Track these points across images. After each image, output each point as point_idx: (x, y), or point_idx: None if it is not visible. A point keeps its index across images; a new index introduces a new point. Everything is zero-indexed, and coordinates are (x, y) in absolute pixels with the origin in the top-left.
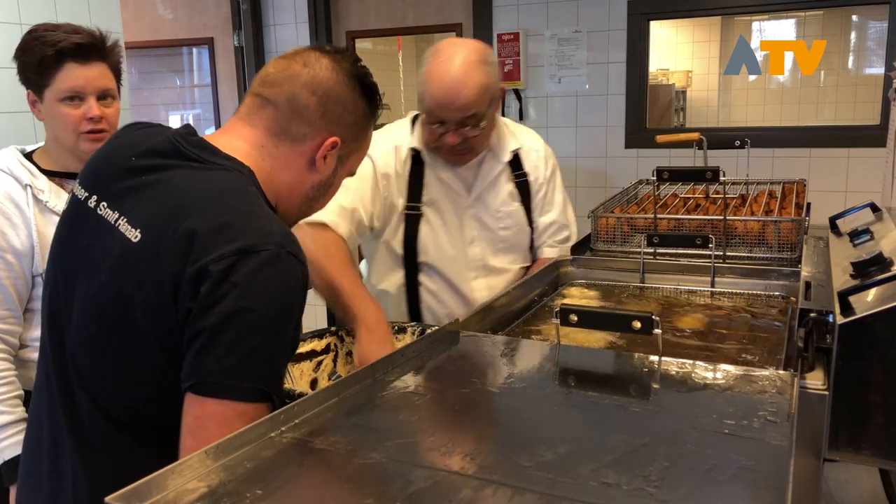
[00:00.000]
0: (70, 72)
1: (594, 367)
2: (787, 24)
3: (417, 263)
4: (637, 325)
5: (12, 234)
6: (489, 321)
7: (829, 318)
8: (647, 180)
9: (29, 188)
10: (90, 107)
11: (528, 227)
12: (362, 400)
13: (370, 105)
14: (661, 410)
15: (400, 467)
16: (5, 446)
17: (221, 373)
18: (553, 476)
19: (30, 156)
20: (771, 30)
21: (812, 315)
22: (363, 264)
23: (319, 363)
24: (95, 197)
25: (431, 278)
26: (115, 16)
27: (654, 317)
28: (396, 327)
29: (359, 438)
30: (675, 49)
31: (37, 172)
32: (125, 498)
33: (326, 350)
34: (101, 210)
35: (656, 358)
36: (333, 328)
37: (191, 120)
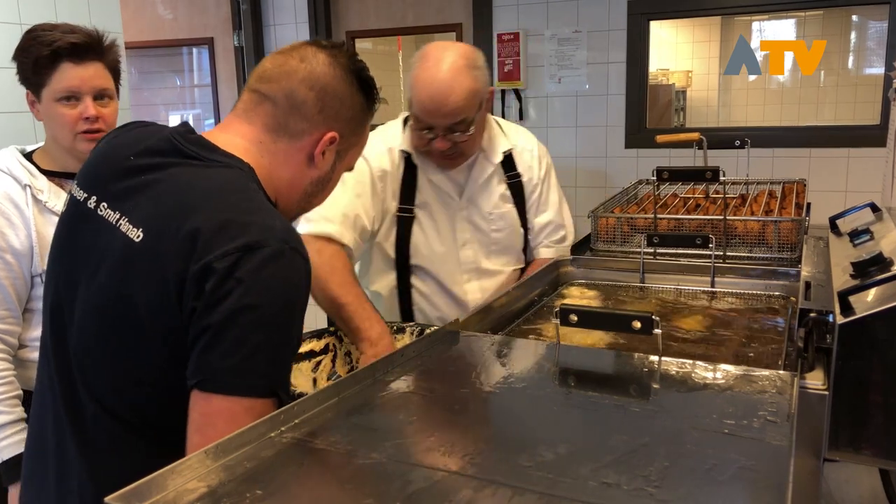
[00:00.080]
0: (65, 71)
1: (594, 367)
2: (787, 24)
3: (409, 266)
4: (637, 325)
5: (11, 234)
6: (489, 321)
7: (829, 318)
8: (647, 180)
9: (28, 188)
10: (86, 106)
11: (521, 229)
12: (362, 400)
13: (368, 99)
14: (661, 410)
15: (400, 467)
16: (4, 446)
17: (227, 369)
18: (553, 476)
19: (30, 156)
20: (771, 30)
21: (812, 315)
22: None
23: (318, 363)
24: (95, 198)
25: (423, 281)
26: (115, 16)
27: (653, 317)
28: (395, 327)
29: (359, 438)
30: (675, 49)
31: (36, 173)
32: (125, 498)
33: (325, 350)
34: (102, 210)
35: (656, 358)
36: (332, 328)
37: (191, 120)
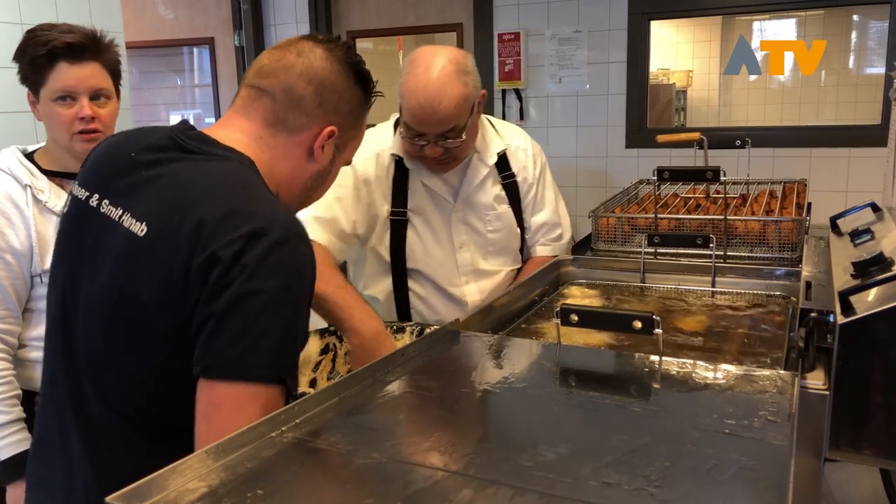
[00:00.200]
0: (62, 71)
1: (595, 367)
2: (787, 23)
3: (406, 269)
4: (638, 324)
5: (11, 234)
6: (489, 321)
7: (830, 318)
8: (648, 180)
9: (29, 188)
10: (82, 106)
11: (517, 229)
12: (363, 400)
13: (365, 93)
14: (661, 410)
15: (400, 467)
16: (3, 445)
17: (232, 355)
18: (554, 476)
19: (31, 156)
20: (772, 29)
21: (813, 315)
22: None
23: (318, 363)
24: (97, 195)
25: (420, 284)
26: (116, 15)
27: (654, 317)
28: (395, 327)
29: (359, 438)
30: (676, 49)
31: (37, 172)
32: (126, 498)
33: (326, 350)
34: (104, 208)
35: (657, 358)
36: (332, 328)
37: (191, 120)
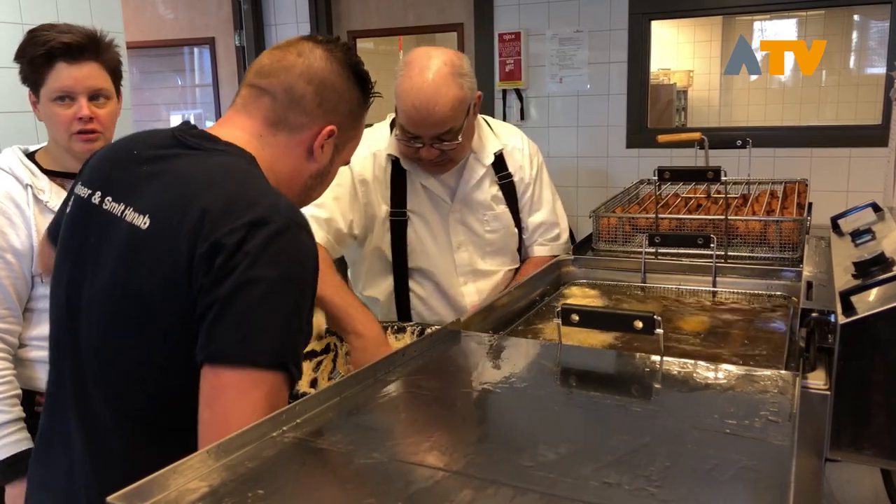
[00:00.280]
0: (60, 71)
1: (595, 367)
2: (788, 23)
3: (407, 270)
4: (639, 324)
5: (12, 233)
6: (490, 321)
7: (831, 318)
8: (649, 180)
9: (30, 188)
10: (80, 107)
11: (515, 229)
12: (363, 400)
13: (363, 93)
14: (662, 410)
15: (401, 467)
16: (3, 445)
17: (234, 341)
18: (554, 476)
19: (32, 156)
20: (772, 29)
21: (814, 315)
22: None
23: (319, 363)
24: (99, 193)
25: (421, 284)
26: (117, 15)
27: (655, 317)
28: (396, 327)
29: (360, 438)
30: (677, 49)
31: (38, 172)
32: (127, 497)
33: (326, 350)
34: (107, 204)
35: (658, 358)
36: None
37: (192, 120)
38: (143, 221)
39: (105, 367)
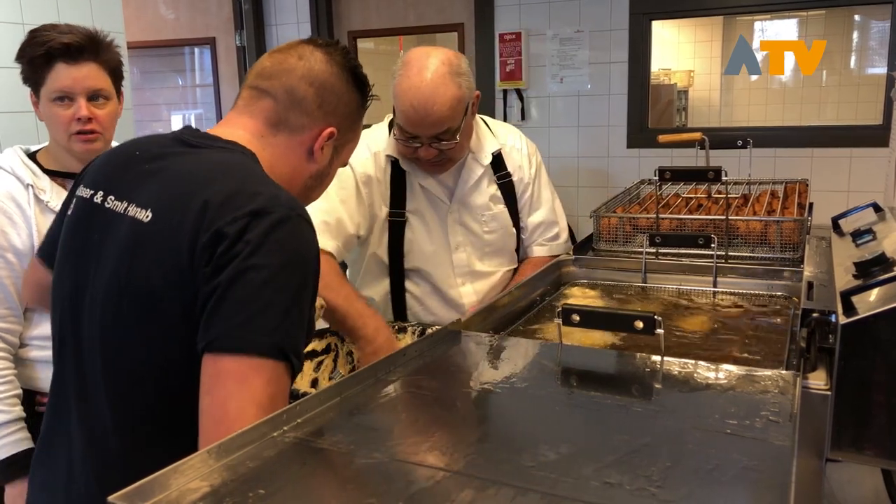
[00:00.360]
0: (59, 72)
1: (596, 367)
2: (789, 23)
3: (404, 270)
4: (639, 325)
5: (13, 233)
6: (491, 321)
7: (832, 319)
8: (650, 180)
9: (31, 188)
10: (79, 107)
11: (513, 229)
12: (364, 400)
13: (362, 96)
14: (663, 410)
15: (402, 467)
16: (3, 444)
17: (234, 327)
18: (555, 476)
19: (34, 155)
20: (773, 29)
21: (814, 315)
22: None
23: (320, 363)
24: (102, 192)
25: (417, 285)
26: (117, 16)
27: (656, 317)
28: (397, 327)
29: (361, 438)
30: (677, 49)
31: (39, 172)
32: (128, 497)
33: (327, 350)
34: (109, 203)
35: (658, 358)
36: (334, 328)
37: (193, 119)
38: (145, 215)
39: (106, 366)
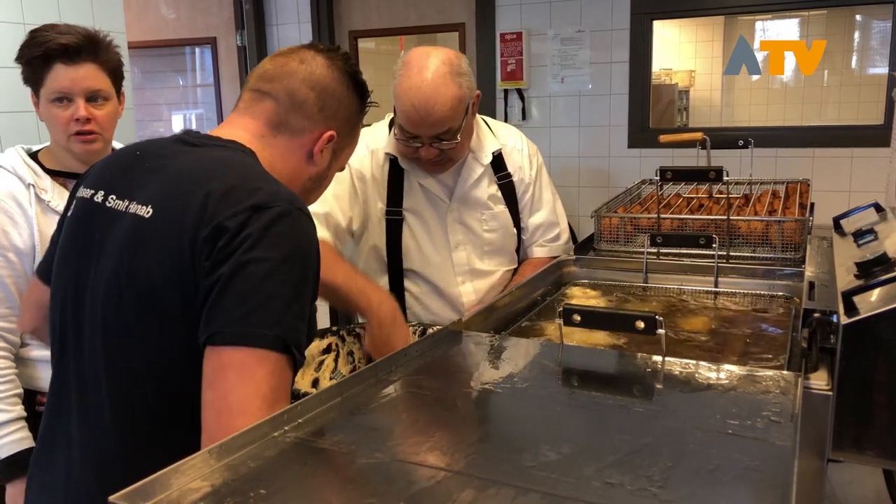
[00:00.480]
0: (58, 72)
1: (597, 367)
2: (790, 23)
3: (402, 269)
4: (641, 325)
5: (14, 232)
6: (492, 321)
7: (833, 319)
8: (651, 180)
9: (32, 187)
10: (77, 108)
11: (513, 229)
12: (365, 400)
13: (361, 101)
14: (664, 410)
15: (403, 467)
16: (3, 444)
17: (236, 320)
18: (556, 476)
19: (35, 155)
20: (774, 29)
21: (816, 315)
22: None
23: (321, 363)
24: (103, 192)
25: (416, 284)
26: (118, 16)
27: (657, 317)
28: None
29: (362, 438)
30: (678, 49)
31: (40, 172)
32: (129, 497)
33: (328, 350)
34: (110, 202)
35: (660, 358)
36: (334, 328)
37: (193, 119)
38: (146, 211)
39: (106, 366)
